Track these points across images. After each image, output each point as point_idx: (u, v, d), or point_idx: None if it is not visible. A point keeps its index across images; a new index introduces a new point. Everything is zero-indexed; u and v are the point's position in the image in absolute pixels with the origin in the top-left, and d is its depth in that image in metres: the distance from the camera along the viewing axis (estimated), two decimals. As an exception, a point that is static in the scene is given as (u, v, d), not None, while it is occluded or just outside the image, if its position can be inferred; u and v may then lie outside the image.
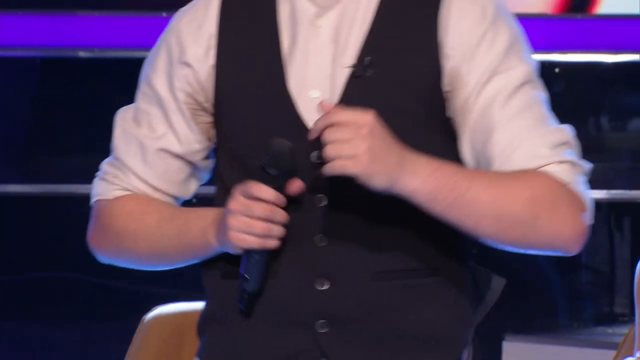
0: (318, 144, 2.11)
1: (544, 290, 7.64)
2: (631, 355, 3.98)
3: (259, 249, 2.18)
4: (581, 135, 2.67)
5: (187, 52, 2.28)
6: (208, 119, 2.28)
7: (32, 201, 7.12)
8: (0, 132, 7.22)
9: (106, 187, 2.34)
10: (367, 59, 2.19)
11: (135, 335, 3.68)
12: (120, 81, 6.71)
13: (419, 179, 2.11)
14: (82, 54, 7.04)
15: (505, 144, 2.18)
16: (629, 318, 6.26)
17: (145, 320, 3.76)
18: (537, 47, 7.06)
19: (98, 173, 2.36)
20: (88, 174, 2.79)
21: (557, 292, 7.55)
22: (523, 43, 2.27)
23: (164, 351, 3.76)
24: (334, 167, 2.07)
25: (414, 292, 2.26)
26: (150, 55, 2.39)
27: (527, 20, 6.92)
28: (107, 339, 6.18)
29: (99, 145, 2.48)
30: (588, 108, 7.32)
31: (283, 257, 2.22)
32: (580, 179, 2.21)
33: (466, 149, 2.23)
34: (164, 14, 6.86)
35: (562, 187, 2.17)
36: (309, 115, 2.18)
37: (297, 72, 2.22)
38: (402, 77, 2.19)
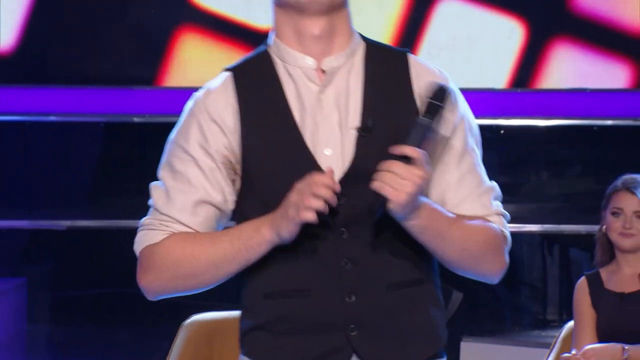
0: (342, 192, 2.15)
1: (493, 302, 7.66)
2: (568, 352, 4.23)
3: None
4: (522, 182, 2.72)
5: (220, 125, 2.24)
6: (235, 175, 2.24)
7: (97, 233, 7.15)
8: (73, 179, 7.26)
9: (154, 234, 2.28)
10: (370, 121, 2.20)
11: (175, 337, 3.81)
12: (162, 140, 7.12)
13: (419, 219, 2.16)
14: (136, 119, 7.02)
15: (459, 198, 2.29)
16: (558, 324, 6.28)
17: (183, 326, 3.90)
18: (488, 114, 7.06)
19: (140, 228, 2.31)
20: (141, 211, 2.75)
21: (503, 303, 7.58)
22: (470, 117, 2.33)
23: (198, 349, 3.87)
24: (381, 188, 2.10)
25: (412, 298, 2.29)
26: (178, 130, 2.33)
27: (481, 93, 6.92)
28: (154, 340, 6.22)
29: (146, 189, 2.41)
30: (526, 162, 7.25)
31: (319, 277, 2.22)
32: (506, 226, 2.33)
33: (433, 186, 2.29)
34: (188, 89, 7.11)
35: (498, 235, 2.28)
36: (326, 168, 2.19)
37: (310, 135, 2.21)
38: (395, 134, 2.18)
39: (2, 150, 7.25)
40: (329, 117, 2.23)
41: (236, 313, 2.78)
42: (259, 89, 2.26)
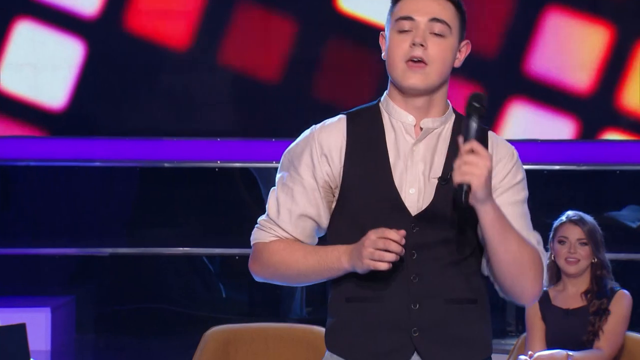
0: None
1: None
2: (524, 354, 4.20)
3: None
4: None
5: (327, 156, 2.29)
6: (332, 197, 2.29)
7: (134, 258, 7.10)
8: (113, 214, 7.29)
9: (264, 234, 2.35)
10: (450, 173, 2.21)
11: (198, 345, 3.80)
12: (191, 183, 6.99)
13: (492, 207, 2.17)
14: (166, 164, 6.98)
15: (514, 225, 2.29)
16: (515, 333, 6.21)
17: (205, 335, 3.89)
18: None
19: (257, 225, 2.37)
20: (169, 240, 2.75)
21: None
22: (524, 175, 2.39)
23: (217, 355, 3.87)
24: (463, 175, 2.12)
25: (466, 313, 2.30)
26: (294, 150, 2.38)
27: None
28: (181, 347, 5.92)
29: (173, 221, 2.44)
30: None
31: (391, 287, 2.24)
32: (543, 261, 2.34)
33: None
34: (205, 138, 7.07)
35: (541, 262, 2.27)
36: (409, 203, 2.24)
37: (399, 177, 2.25)
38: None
39: (55, 190, 7.24)
40: (417, 165, 2.27)
41: (249, 325, 2.81)
42: (366, 132, 2.30)
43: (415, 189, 2.27)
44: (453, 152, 2.27)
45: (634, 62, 7.01)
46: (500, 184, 2.29)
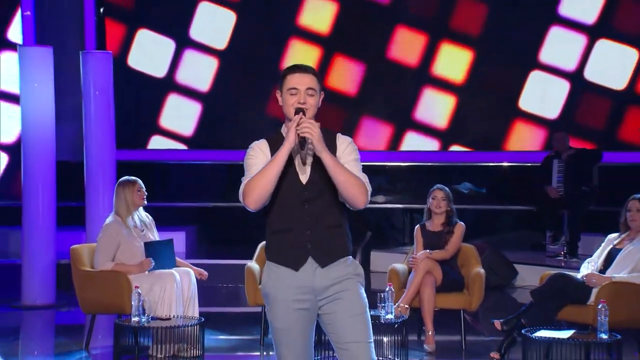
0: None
1: (388, 231, 9.53)
2: (413, 255, 5.31)
3: None
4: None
5: (265, 153, 2.91)
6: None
7: (226, 208, 9.39)
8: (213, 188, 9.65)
9: (244, 182, 2.83)
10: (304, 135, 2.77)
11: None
12: None
13: (328, 156, 2.74)
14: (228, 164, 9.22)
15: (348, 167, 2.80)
16: (409, 246, 6.53)
17: None
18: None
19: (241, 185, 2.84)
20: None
21: (388, 234, 9.48)
22: (355, 148, 2.90)
23: None
24: (305, 132, 2.71)
25: (336, 232, 2.87)
26: (249, 154, 2.92)
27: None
28: None
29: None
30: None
31: (295, 222, 2.89)
32: (369, 185, 2.85)
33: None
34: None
35: (364, 187, 2.83)
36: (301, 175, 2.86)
37: (297, 166, 2.86)
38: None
39: (186, 177, 9.78)
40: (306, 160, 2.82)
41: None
42: (277, 147, 2.81)
43: (302, 170, 2.86)
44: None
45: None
46: (343, 153, 2.86)
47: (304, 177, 2.83)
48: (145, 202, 5.50)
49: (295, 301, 2.81)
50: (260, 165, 2.81)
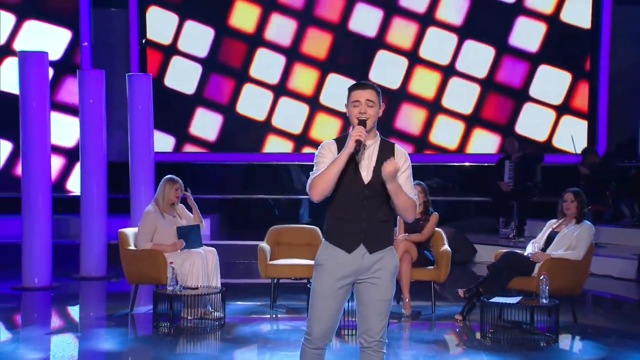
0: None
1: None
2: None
3: None
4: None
5: (332, 152, 2.77)
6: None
7: (249, 200, 9.29)
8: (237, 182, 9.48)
9: (312, 175, 2.69)
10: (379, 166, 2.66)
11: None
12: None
13: (393, 184, 2.64)
14: (255, 163, 8.81)
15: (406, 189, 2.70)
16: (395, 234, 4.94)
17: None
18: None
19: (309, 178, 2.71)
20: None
21: None
22: (409, 164, 2.76)
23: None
24: (385, 172, 2.63)
25: (385, 226, 2.77)
26: (319, 152, 2.78)
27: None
28: None
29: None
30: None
31: (353, 214, 2.77)
32: (417, 201, 2.76)
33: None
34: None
35: (415, 206, 2.74)
36: (364, 178, 2.73)
37: (359, 164, 2.72)
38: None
39: (207, 175, 9.38)
40: (364, 161, 2.73)
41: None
42: (342, 145, 2.72)
43: (365, 172, 2.73)
44: (379, 157, 2.69)
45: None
46: (401, 168, 2.74)
47: (366, 178, 2.75)
48: (179, 200, 5.37)
49: (340, 278, 2.74)
50: (326, 164, 2.74)
